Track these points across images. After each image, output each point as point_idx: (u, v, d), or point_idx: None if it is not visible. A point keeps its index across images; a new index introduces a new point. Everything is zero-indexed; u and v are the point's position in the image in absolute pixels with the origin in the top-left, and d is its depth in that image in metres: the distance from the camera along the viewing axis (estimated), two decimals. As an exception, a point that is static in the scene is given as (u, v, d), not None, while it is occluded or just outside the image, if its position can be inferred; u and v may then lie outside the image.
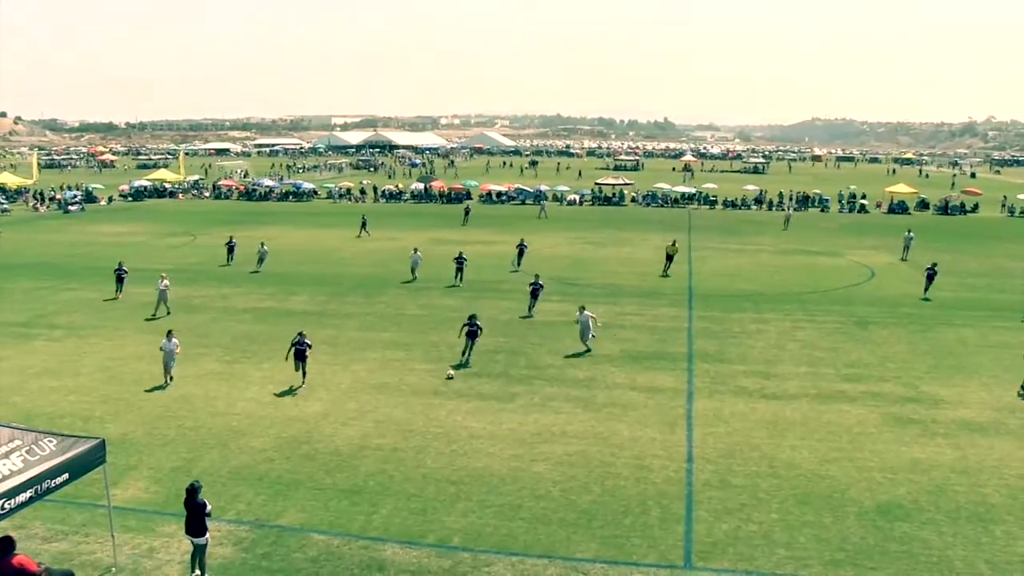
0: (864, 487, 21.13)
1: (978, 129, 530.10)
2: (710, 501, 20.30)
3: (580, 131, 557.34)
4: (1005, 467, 22.40)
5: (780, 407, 27.05)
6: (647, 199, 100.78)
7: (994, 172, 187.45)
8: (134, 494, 20.36)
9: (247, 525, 18.92)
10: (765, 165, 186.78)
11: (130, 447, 23.24)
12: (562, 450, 23.40)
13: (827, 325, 38.07)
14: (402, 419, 25.74)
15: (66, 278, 48.86)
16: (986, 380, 30.07)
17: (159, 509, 19.51)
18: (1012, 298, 43.57)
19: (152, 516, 19.17)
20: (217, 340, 34.87)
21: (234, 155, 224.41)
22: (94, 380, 29.38)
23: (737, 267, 53.58)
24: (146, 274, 46.18)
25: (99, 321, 38.03)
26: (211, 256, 56.76)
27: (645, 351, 33.61)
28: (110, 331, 36.25)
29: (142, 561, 17.21)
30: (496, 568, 17.17)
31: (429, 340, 34.98)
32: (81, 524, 18.74)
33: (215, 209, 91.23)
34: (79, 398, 27.45)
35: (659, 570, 17.13)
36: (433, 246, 61.97)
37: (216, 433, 24.51)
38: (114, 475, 20.05)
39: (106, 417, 25.66)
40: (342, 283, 47.59)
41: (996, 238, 70.42)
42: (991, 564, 17.43)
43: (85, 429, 23.65)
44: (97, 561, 17.16)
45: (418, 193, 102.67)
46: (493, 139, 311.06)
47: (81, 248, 61.22)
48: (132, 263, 47.50)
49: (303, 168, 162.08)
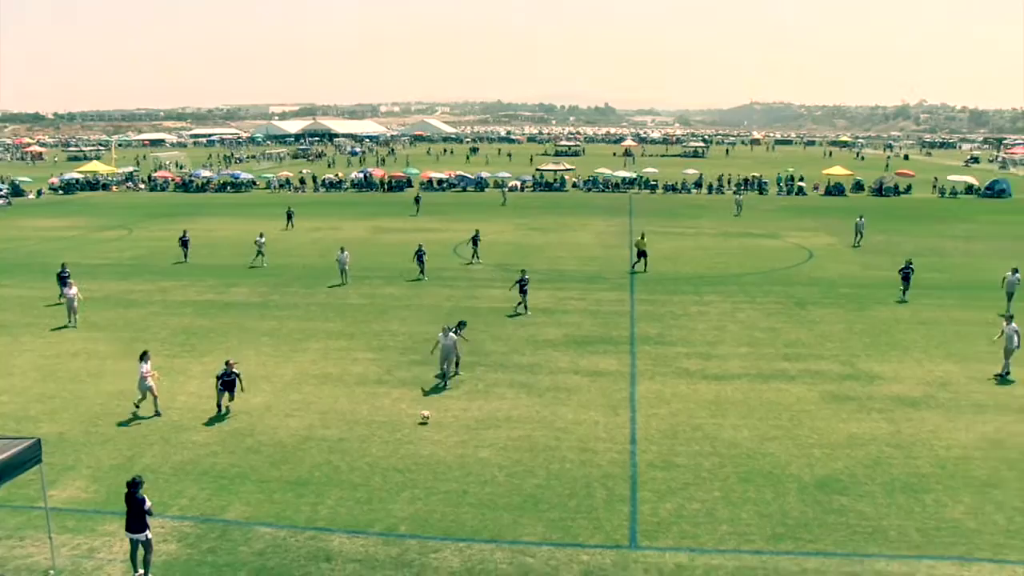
0: (804, 463, 21.55)
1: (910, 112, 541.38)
2: (654, 481, 20.52)
3: (521, 117, 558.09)
4: (936, 439, 23.02)
5: (721, 387, 27.43)
6: (588, 184, 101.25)
7: (925, 154, 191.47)
8: (72, 494, 19.94)
9: (191, 520, 18.67)
10: (705, 149, 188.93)
11: (67, 446, 22.76)
12: (507, 435, 23.48)
13: (767, 306, 38.66)
14: (346, 409, 25.59)
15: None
16: (919, 356, 30.82)
17: (99, 508, 19.13)
18: (944, 276, 44.67)
19: (92, 516, 18.79)
20: (156, 334, 34.25)
21: (169, 146, 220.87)
22: (27, 379, 28.63)
23: (678, 250, 54.10)
24: (82, 269, 45.27)
25: (32, 319, 37.06)
26: (149, 250, 55.80)
27: (588, 335, 33.81)
28: (42, 329, 35.37)
29: (82, 562, 16.87)
30: (444, 554, 17.19)
31: (372, 329, 34.81)
32: (16, 527, 18.26)
33: (151, 202, 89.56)
34: (11, 398, 26.73)
35: (605, 551, 17.29)
36: (377, 235, 61.79)
37: (157, 429, 24.10)
38: (51, 475, 19.64)
39: (41, 417, 25.05)
40: (283, 274, 47.09)
41: (928, 218, 72.12)
42: (922, 531, 17.94)
43: (18, 430, 23.09)
44: (34, 565, 16.74)
45: (358, 182, 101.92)
46: (434, 126, 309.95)
47: (10, 244, 59.52)
48: (67, 258, 46.44)
49: (241, 158, 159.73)
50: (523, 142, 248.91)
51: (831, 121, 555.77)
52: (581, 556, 17.10)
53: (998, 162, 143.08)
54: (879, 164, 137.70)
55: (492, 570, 16.63)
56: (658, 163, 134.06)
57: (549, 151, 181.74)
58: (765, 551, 17.24)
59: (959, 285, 43.17)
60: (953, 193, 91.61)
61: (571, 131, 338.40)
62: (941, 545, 17.36)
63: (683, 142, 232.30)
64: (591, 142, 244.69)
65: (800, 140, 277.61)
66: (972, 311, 37.33)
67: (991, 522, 18.32)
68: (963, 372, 28.84)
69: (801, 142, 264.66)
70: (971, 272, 46.94)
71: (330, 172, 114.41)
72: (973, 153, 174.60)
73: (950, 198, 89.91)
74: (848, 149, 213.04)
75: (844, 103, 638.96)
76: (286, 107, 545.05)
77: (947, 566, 16.56)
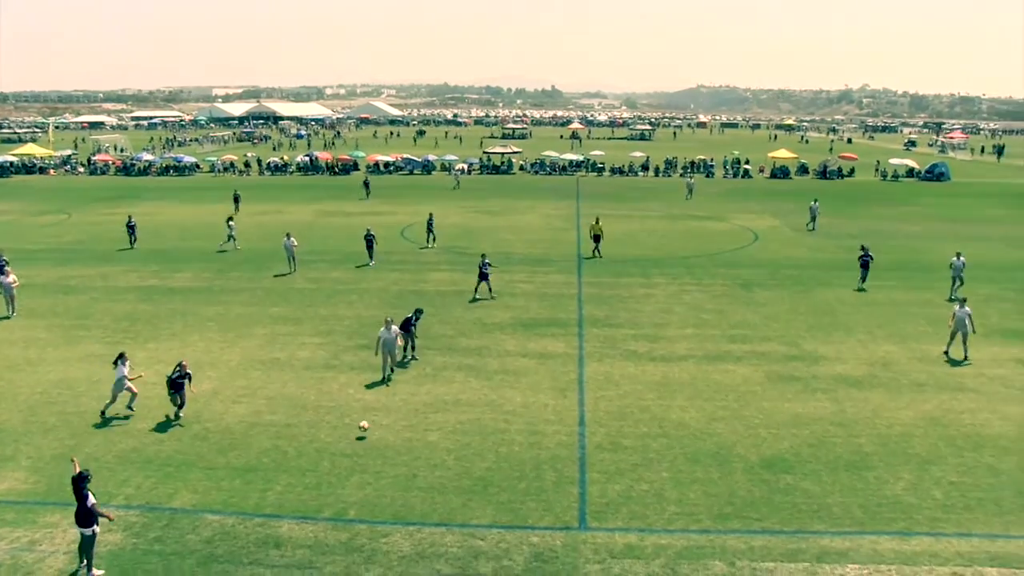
0: (750, 443, 21.84)
1: (853, 96, 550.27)
2: (602, 463, 20.66)
3: (468, 100, 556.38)
4: (878, 418, 23.48)
5: (669, 369, 27.66)
6: (535, 167, 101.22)
7: (868, 138, 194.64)
8: (11, 485, 19.49)
9: (137, 510, 18.38)
10: (651, 132, 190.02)
11: (6, 436, 22.25)
12: (456, 419, 23.46)
13: (713, 288, 39.04)
14: (294, 394, 25.37)
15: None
16: (861, 337, 31.36)
17: (41, 499, 18.75)
18: (887, 258, 45.40)
19: (33, 507, 18.40)
20: (98, 321, 33.62)
21: (109, 128, 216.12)
22: (-36, 367, 27.96)
23: (625, 233, 54.34)
24: (19, 255, 44.22)
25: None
26: (89, 235, 54.65)
27: (536, 318, 33.87)
28: (-20, 315, 34.50)
29: (22, 555, 16.52)
30: (393, 539, 17.15)
31: (319, 314, 34.52)
32: (-47, 520, 17.86)
33: (91, 185, 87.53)
34: (-53, 387, 26.09)
35: (555, 532, 17.38)
36: (323, 219, 61.21)
37: (100, 417, 23.67)
38: (-11, 465, 19.23)
39: (-22, 405, 24.50)
40: (227, 258, 46.46)
41: (871, 201, 73.28)
42: (864, 508, 18.33)
43: (-44, 418, 22.58)
44: (-28, 556, 16.41)
45: (304, 165, 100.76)
46: (380, 109, 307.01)
47: (-54, 229, 57.92)
48: (2, 244, 45.39)
49: (184, 141, 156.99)
50: (470, 125, 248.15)
51: (776, 105, 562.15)
52: (531, 538, 17.17)
53: (938, 146, 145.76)
54: (823, 147, 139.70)
55: (442, 554, 16.63)
56: (605, 146, 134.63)
57: (496, 134, 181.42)
58: (713, 530, 17.46)
59: (900, 267, 43.96)
60: (895, 176, 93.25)
61: (518, 114, 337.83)
62: (883, 521, 17.74)
63: (630, 125, 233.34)
64: (538, 125, 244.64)
65: (746, 123, 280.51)
66: (913, 292, 38.11)
67: (929, 497, 18.77)
68: (904, 352, 29.42)
69: (747, 125, 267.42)
70: (912, 254, 47.89)
71: (275, 155, 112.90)
72: (911, 137, 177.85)
73: (892, 181, 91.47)
74: (793, 132, 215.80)
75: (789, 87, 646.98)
76: (230, 89, 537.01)
77: (888, 541, 16.94)
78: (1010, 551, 16.58)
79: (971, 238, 52.67)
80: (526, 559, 16.46)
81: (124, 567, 16.22)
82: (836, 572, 15.91)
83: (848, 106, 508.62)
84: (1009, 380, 26.61)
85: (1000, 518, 17.87)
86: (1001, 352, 28.95)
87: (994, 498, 18.75)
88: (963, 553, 16.49)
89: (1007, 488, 19.26)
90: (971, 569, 15.96)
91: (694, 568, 16.07)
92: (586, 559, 16.42)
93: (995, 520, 17.78)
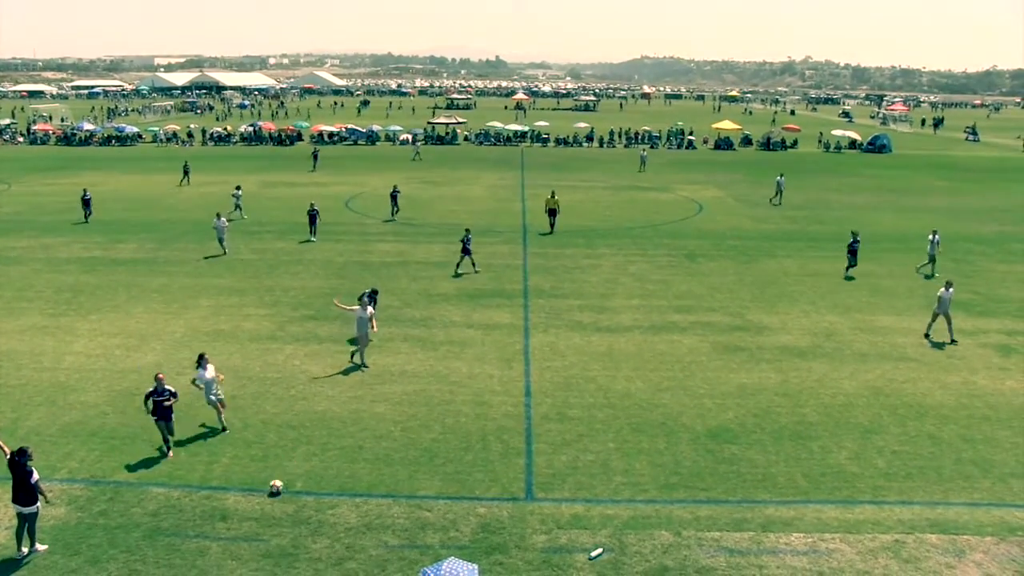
0: (695, 413, 21.93)
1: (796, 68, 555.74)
2: (549, 434, 20.61)
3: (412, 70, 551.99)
4: (821, 388, 23.73)
5: (614, 339, 27.68)
6: (480, 138, 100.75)
7: (811, 110, 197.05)
8: (-57, 460, 18.90)
9: (81, 483, 17.95)
10: (596, 103, 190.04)
11: (-63, 410, 21.59)
12: (402, 390, 23.24)
13: (658, 259, 39.16)
14: (239, 366, 24.94)
15: None
16: (805, 307, 31.68)
17: (-27, 474, 18.21)
18: (829, 229, 45.97)
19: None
20: (40, 292, 32.74)
21: (50, 97, 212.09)
22: None
23: (570, 204, 54.13)
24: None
25: None
26: (29, 205, 53.12)
27: (481, 289, 33.68)
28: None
29: (-47, 530, 16.03)
30: (340, 510, 16.95)
31: (264, 285, 33.97)
32: None
33: (31, 155, 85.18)
34: None
35: (501, 503, 17.30)
36: (267, 189, 60.26)
37: (43, 390, 23.04)
38: (-82, 440, 18.55)
39: (-93, 379, 23.69)
40: (171, 229, 45.49)
41: (814, 172, 74.13)
42: (807, 476, 18.52)
43: None
44: (-99, 534, 15.85)
45: (248, 135, 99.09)
46: (324, 79, 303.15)
47: None
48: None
49: (126, 111, 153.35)
50: (414, 95, 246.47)
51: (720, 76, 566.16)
52: (478, 509, 17.07)
53: (879, 118, 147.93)
54: (766, 119, 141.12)
55: (389, 525, 16.46)
56: (549, 116, 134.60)
57: (440, 104, 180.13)
58: (659, 500, 17.51)
59: (843, 237, 44.34)
60: (837, 148, 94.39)
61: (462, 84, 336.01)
62: (826, 489, 17.93)
63: (574, 96, 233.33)
64: (482, 95, 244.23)
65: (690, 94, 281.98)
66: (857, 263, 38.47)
67: (872, 466, 19.01)
68: (847, 323, 29.77)
69: (691, 96, 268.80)
70: (855, 224, 48.23)
71: (219, 125, 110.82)
72: (845, 108, 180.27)
73: (835, 152, 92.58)
74: (737, 104, 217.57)
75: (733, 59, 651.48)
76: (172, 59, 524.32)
77: (832, 509, 17.12)
78: (949, 518, 16.86)
79: (915, 209, 53.61)
80: (473, 530, 16.36)
81: (68, 541, 15.81)
82: (781, 541, 16.05)
83: (791, 78, 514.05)
84: (950, 350, 27.10)
85: (940, 485, 18.16)
86: (942, 322, 29.43)
87: (935, 466, 19.06)
88: (905, 520, 16.73)
89: (947, 456, 19.59)
90: (912, 536, 16.20)
91: (641, 538, 16.10)
92: (533, 529, 16.37)
93: (935, 488, 18.06)
